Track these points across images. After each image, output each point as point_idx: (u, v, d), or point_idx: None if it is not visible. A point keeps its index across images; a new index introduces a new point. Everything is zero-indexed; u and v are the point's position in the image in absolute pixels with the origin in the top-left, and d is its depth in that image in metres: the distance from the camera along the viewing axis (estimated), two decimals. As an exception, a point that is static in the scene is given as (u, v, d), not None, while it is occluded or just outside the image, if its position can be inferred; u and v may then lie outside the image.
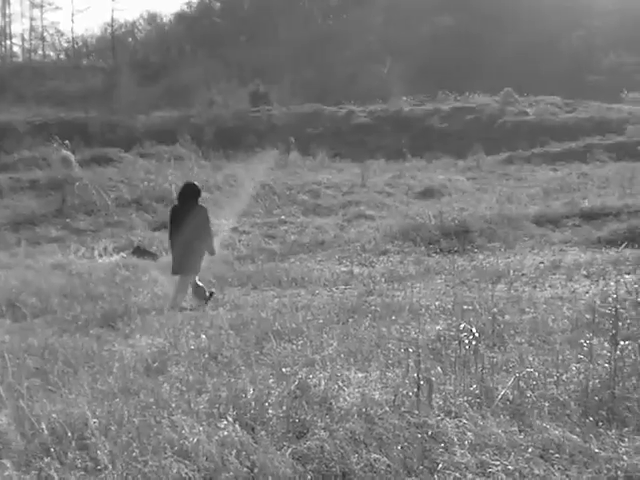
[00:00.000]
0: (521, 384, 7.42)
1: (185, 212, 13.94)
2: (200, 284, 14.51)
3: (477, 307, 11.52)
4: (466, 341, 8.12)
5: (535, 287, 14.84)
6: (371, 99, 56.11)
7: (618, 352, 7.58)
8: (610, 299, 8.38)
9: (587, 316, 10.05)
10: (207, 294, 14.36)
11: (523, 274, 16.23)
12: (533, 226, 21.84)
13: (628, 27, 66.31)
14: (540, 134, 46.27)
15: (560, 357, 8.41)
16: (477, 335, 8.17)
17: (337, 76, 69.20)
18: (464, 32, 67.48)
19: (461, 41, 65.88)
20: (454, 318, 10.56)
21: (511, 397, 7.26)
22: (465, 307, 11.34)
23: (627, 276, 14.13)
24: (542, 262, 17.57)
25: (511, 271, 16.27)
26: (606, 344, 8.12)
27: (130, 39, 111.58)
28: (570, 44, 67.11)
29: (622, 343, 7.78)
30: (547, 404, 7.11)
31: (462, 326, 8.50)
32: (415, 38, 68.70)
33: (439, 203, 26.97)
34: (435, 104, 53.79)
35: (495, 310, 11.09)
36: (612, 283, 9.75)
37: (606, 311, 8.47)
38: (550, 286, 14.91)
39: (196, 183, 14.81)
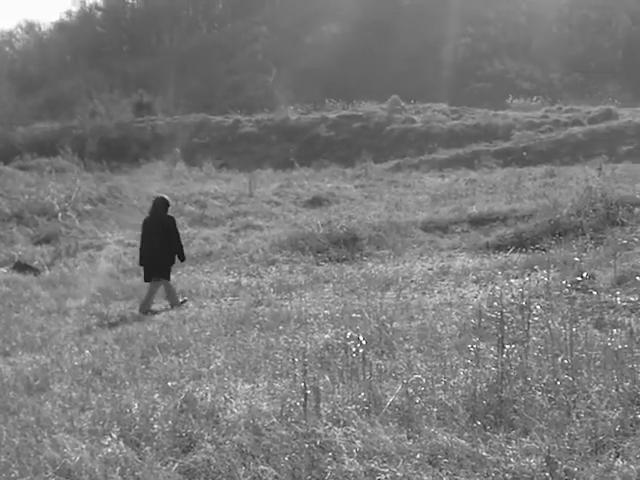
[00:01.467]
0: (409, 390, 7.49)
1: (155, 222, 15.41)
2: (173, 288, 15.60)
3: (366, 315, 11.59)
4: (354, 349, 8.15)
5: (424, 293, 15.01)
6: (257, 108, 56.13)
7: (504, 356, 7.72)
8: (496, 303, 8.54)
9: (473, 321, 10.23)
10: (180, 300, 15.40)
11: (412, 281, 16.40)
12: (421, 233, 22.11)
13: (510, 34, 68.00)
14: (428, 141, 46.99)
15: (448, 362, 8.54)
16: (365, 343, 8.23)
17: (222, 85, 69.05)
18: (350, 41, 68.12)
19: (347, 50, 66.47)
20: (342, 327, 10.60)
21: (399, 404, 7.32)
22: (354, 315, 11.43)
23: (514, 280, 14.42)
24: (431, 268, 17.79)
25: (400, 278, 16.42)
26: (493, 348, 8.27)
27: (8, 49, 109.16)
28: (455, 52, 68.39)
29: (508, 347, 7.92)
30: (435, 409, 7.20)
31: (349, 334, 8.54)
32: (301, 47, 69.06)
33: (327, 211, 27.06)
34: (322, 113, 54.04)
35: (384, 317, 11.21)
36: (499, 288, 9.92)
37: (492, 315, 8.61)
38: (439, 292, 15.11)
39: (165, 196, 16.34)
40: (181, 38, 80.00)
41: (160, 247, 15.29)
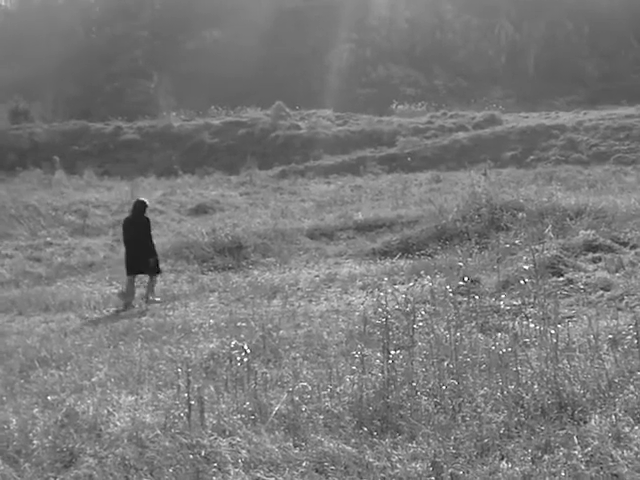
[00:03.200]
0: (295, 398, 7.53)
1: (135, 222, 17.02)
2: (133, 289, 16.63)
3: (252, 323, 11.62)
4: (238, 358, 8.15)
5: (311, 301, 15.11)
6: (139, 115, 55.44)
7: (390, 361, 7.82)
8: (381, 310, 8.65)
9: (358, 327, 10.34)
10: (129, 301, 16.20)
11: (299, 288, 16.49)
12: (307, 240, 22.24)
13: (394, 40, 68.95)
14: (313, 148, 47.20)
15: (334, 369, 8.59)
16: (250, 352, 8.23)
17: (103, 92, 68.05)
18: (233, 46, 68.01)
19: (230, 55, 66.31)
20: (228, 336, 10.59)
21: (286, 412, 7.35)
22: (239, 324, 11.43)
23: (401, 286, 14.61)
24: (317, 275, 17.91)
25: (286, 286, 16.51)
26: (379, 354, 8.37)
27: None
28: (340, 58, 68.95)
29: (394, 352, 8.03)
30: (322, 417, 7.25)
31: (234, 343, 8.53)
32: (183, 52, 68.61)
33: (212, 220, 26.96)
34: (206, 119, 53.71)
35: (270, 326, 11.24)
36: (384, 294, 10.04)
37: (378, 322, 8.72)
38: (326, 299, 15.22)
39: (144, 199, 18.03)
40: (58, 43, 78.40)
41: (139, 245, 16.76)
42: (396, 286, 13.96)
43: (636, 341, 8.34)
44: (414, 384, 7.75)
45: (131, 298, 16.29)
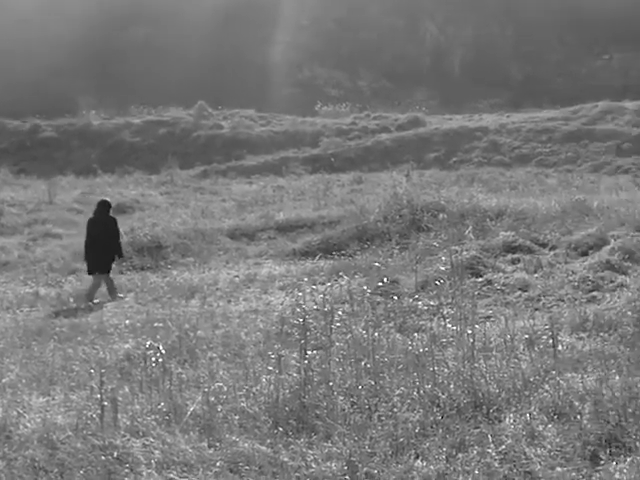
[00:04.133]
0: (211, 399, 7.53)
1: (99, 222, 17.33)
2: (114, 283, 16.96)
3: (169, 324, 11.56)
4: (154, 359, 8.12)
5: (229, 301, 15.12)
6: (58, 113, 54.54)
7: (307, 362, 7.87)
8: (299, 310, 8.70)
9: (274, 327, 10.39)
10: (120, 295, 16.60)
11: (218, 289, 16.49)
12: (228, 240, 22.18)
13: (319, 42, 69.05)
14: (235, 148, 46.98)
15: (251, 370, 8.61)
16: (165, 352, 8.21)
17: (20, 88, 66.90)
18: (155, 44, 67.49)
19: (152, 54, 65.79)
20: (144, 336, 10.52)
21: (201, 412, 7.34)
22: (156, 324, 11.37)
23: (321, 287, 14.69)
24: (237, 276, 17.92)
25: (205, 286, 16.49)
26: (296, 354, 8.41)
27: None
28: (265, 58, 68.88)
29: (311, 353, 8.08)
30: (237, 417, 7.27)
31: (149, 344, 8.49)
32: (104, 50, 67.87)
33: (131, 219, 26.71)
34: (126, 118, 53.12)
35: (187, 326, 11.21)
36: (302, 294, 10.10)
37: (295, 322, 8.77)
38: (245, 300, 15.25)
39: (108, 199, 18.51)
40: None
41: (102, 245, 16.97)
42: (316, 286, 14.04)
43: (551, 341, 8.51)
44: (331, 384, 7.81)
45: (91, 296, 16.36)
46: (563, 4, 70.96)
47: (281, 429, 7.00)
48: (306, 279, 15.61)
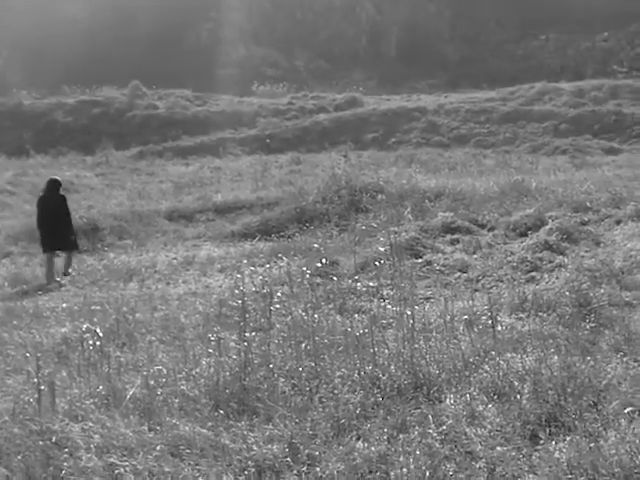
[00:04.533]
0: (151, 382, 7.51)
1: (50, 201, 17.39)
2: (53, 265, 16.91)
3: (107, 307, 11.48)
4: (91, 342, 8.07)
5: (168, 284, 15.06)
6: (-13, 93, 53.58)
7: (246, 344, 7.88)
8: (237, 292, 8.70)
9: (213, 310, 10.37)
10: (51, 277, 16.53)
11: (156, 271, 16.41)
12: (165, 222, 22.08)
13: (256, 21, 68.77)
14: (171, 128, 46.68)
15: (191, 353, 8.60)
16: (103, 336, 8.17)
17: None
18: (89, 23, 66.69)
19: (86, 32, 64.98)
20: (82, 319, 10.44)
21: (140, 396, 7.32)
22: (94, 308, 11.29)
23: (260, 269, 14.70)
24: (175, 258, 17.84)
25: (143, 269, 16.39)
26: (235, 337, 8.41)
27: None
28: (199, 37, 68.42)
29: (250, 335, 8.09)
30: (177, 400, 7.27)
31: (86, 327, 8.44)
32: (36, 27, 66.83)
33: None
34: (59, 98, 52.36)
35: (125, 309, 11.14)
36: (241, 276, 10.08)
37: (235, 304, 8.77)
38: (184, 282, 15.19)
39: (57, 178, 18.55)
40: None
41: (56, 222, 17.13)
42: (255, 268, 14.02)
43: (490, 322, 8.62)
44: (271, 366, 7.84)
45: (52, 274, 16.53)
46: (500, -15, 71.56)
47: (222, 412, 7.01)
48: (245, 261, 15.57)
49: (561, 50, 64.05)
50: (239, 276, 9.30)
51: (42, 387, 6.95)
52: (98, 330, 8.16)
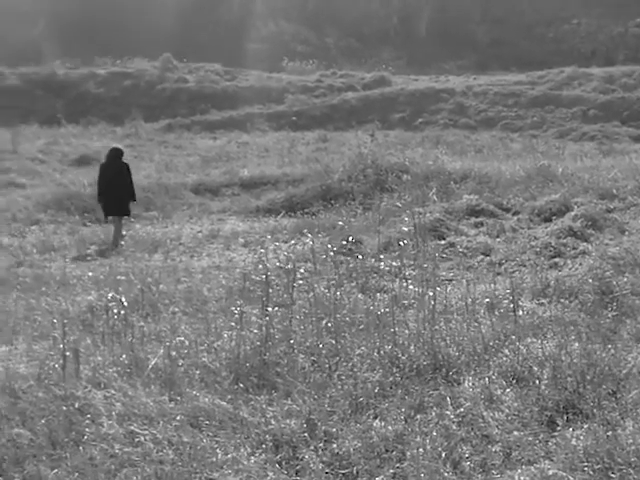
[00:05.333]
0: (173, 353, 7.55)
1: (112, 168, 17.87)
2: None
3: (132, 277, 11.54)
4: (115, 311, 8.13)
5: (192, 256, 15.13)
6: (23, 61, 53.68)
7: (268, 319, 7.90)
8: (261, 267, 8.72)
9: (236, 284, 10.40)
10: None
11: (181, 244, 16.49)
12: (192, 195, 22.16)
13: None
14: (200, 102, 46.68)
15: (213, 325, 8.64)
16: (127, 305, 8.22)
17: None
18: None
19: (117, 5, 65.02)
20: (107, 289, 10.50)
21: (162, 366, 7.37)
22: (119, 277, 11.35)
23: (284, 244, 14.74)
24: (200, 231, 17.91)
25: (168, 240, 16.45)
26: (258, 311, 8.44)
27: None
28: (230, 11, 68.27)
29: (272, 310, 8.12)
30: (198, 372, 7.31)
31: (111, 296, 8.50)
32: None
33: (95, 171, 26.43)
34: (91, 68, 52.36)
35: (149, 280, 11.20)
36: (265, 251, 10.12)
37: (258, 279, 8.79)
38: (208, 255, 15.27)
39: (119, 146, 19.40)
40: None
41: (117, 188, 17.56)
42: (279, 244, 14.08)
43: (512, 306, 8.61)
44: (292, 342, 7.86)
45: (117, 241, 16.87)
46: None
47: (242, 385, 7.04)
48: (269, 237, 15.63)
49: (592, 35, 63.48)
50: (262, 251, 9.32)
51: (67, 353, 7.02)
52: (123, 299, 8.21)
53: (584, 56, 58.88)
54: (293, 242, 13.21)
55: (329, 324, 8.22)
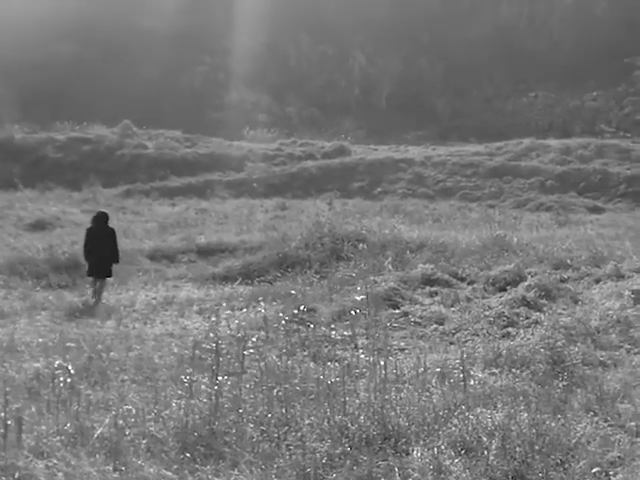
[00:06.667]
0: (119, 422, 7.46)
1: (99, 232, 18.52)
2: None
3: (82, 344, 11.43)
4: (62, 379, 8.03)
5: (146, 323, 15.00)
6: (-22, 125, 53.55)
7: (217, 388, 7.85)
8: (212, 335, 8.69)
9: (186, 352, 10.35)
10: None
11: (135, 310, 16.36)
12: (148, 261, 22.06)
13: (249, 66, 69.17)
14: (159, 168, 46.77)
15: (163, 394, 8.56)
16: (76, 373, 8.13)
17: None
18: (82, 60, 66.97)
19: (80, 71, 65.23)
20: (56, 355, 10.39)
21: (108, 435, 7.27)
22: (69, 344, 11.24)
23: (239, 312, 14.71)
24: (155, 298, 17.80)
25: (122, 307, 16.33)
26: (207, 380, 8.39)
27: None
28: (192, 79, 68.79)
29: (222, 378, 8.07)
30: (145, 441, 7.22)
31: (58, 363, 8.40)
32: (28, 63, 66.99)
33: (51, 236, 26.38)
34: (50, 133, 52.34)
35: (100, 347, 11.10)
36: (216, 319, 10.08)
37: (209, 347, 8.75)
38: (161, 322, 15.15)
39: (106, 211, 20.15)
40: None
41: (104, 252, 18.21)
42: (233, 312, 14.05)
43: (462, 375, 8.63)
44: (241, 411, 7.81)
45: (100, 299, 17.51)
46: (492, 41, 72.35)
47: (188, 455, 6.98)
48: (224, 304, 15.58)
49: (550, 108, 64.63)
50: (214, 319, 9.29)
51: (9, 422, 6.90)
52: (70, 367, 8.13)
53: (542, 128, 59.86)
54: (246, 310, 13.16)
55: (279, 393, 8.18)
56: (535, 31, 75.78)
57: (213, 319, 9.53)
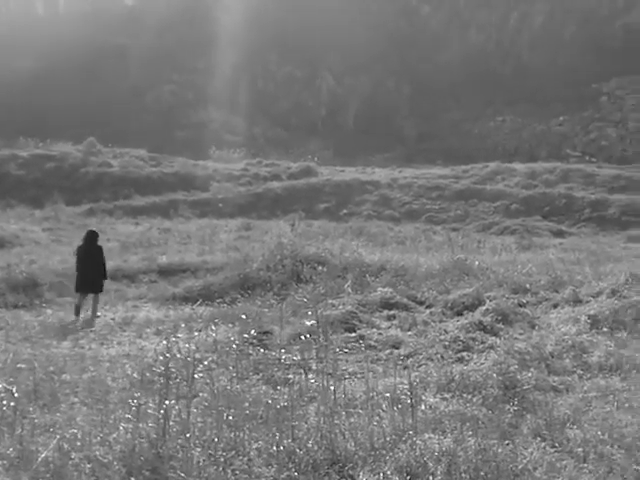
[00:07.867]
0: (65, 446, 7.42)
1: (88, 250, 19.30)
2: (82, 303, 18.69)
3: (35, 365, 11.35)
4: (5, 402, 7.99)
5: (102, 344, 14.93)
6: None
7: (165, 411, 7.83)
8: (162, 357, 8.67)
9: (135, 375, 10.30)
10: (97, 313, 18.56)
11: (92, 330, 16.27)
12: (108, 281, 21.95)
13: (217, 86, 69.34)
14: (124, 187, 46.65)
15: (112, 417, 8.52)
16: (20, 395, 8.08)
17: None
18: (47, 78, 66.83)
19: (43, 87, 65.12)
20: (5, 377, 10.31)
21: (52, 459, 7.23)
22: (20, 365, 11.16)
23: (196, 333, 14.67)
24: (113, 318, 17.74)
25: (79, 327, 16.29)
26: (156, 403, 8.36)
27: None
28: (159, 98, 68.78)
29: (170, 402, 8.05)
30: (90, 466, 7.18)
31: (1, 386, 8.35)
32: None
33: (9, 254, 26.19)
34: (13, 150, 52.03)
35: (52, 369, 11.03)
36: (167, 342, 10.05)
37: (158, 370, 8.74)
38: (118, 343, 15.08)
39: (95, 229, 20.76)
40: None
41: (93, 269, 19.10)
42: (190, 333, 14.00)
43: (410, 401, 8.65)
44: (189, 435, 7.78)
45: (79, 310, 18.25)
46: (461, 65, 72.95)
47: (133, 479, 6.95)
48: (183, 325, 15.53)
49: (517, 132, 65.25)
50: (165, 342, 9.26)
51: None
52: (14, 390, 8.08)
53: (508, 152, 60.45)
54: (200, 332, 13.12)
55: (229, 417, 8.17)
56: (503, 55, 76.64)
57: (164, 342, 9.47)
